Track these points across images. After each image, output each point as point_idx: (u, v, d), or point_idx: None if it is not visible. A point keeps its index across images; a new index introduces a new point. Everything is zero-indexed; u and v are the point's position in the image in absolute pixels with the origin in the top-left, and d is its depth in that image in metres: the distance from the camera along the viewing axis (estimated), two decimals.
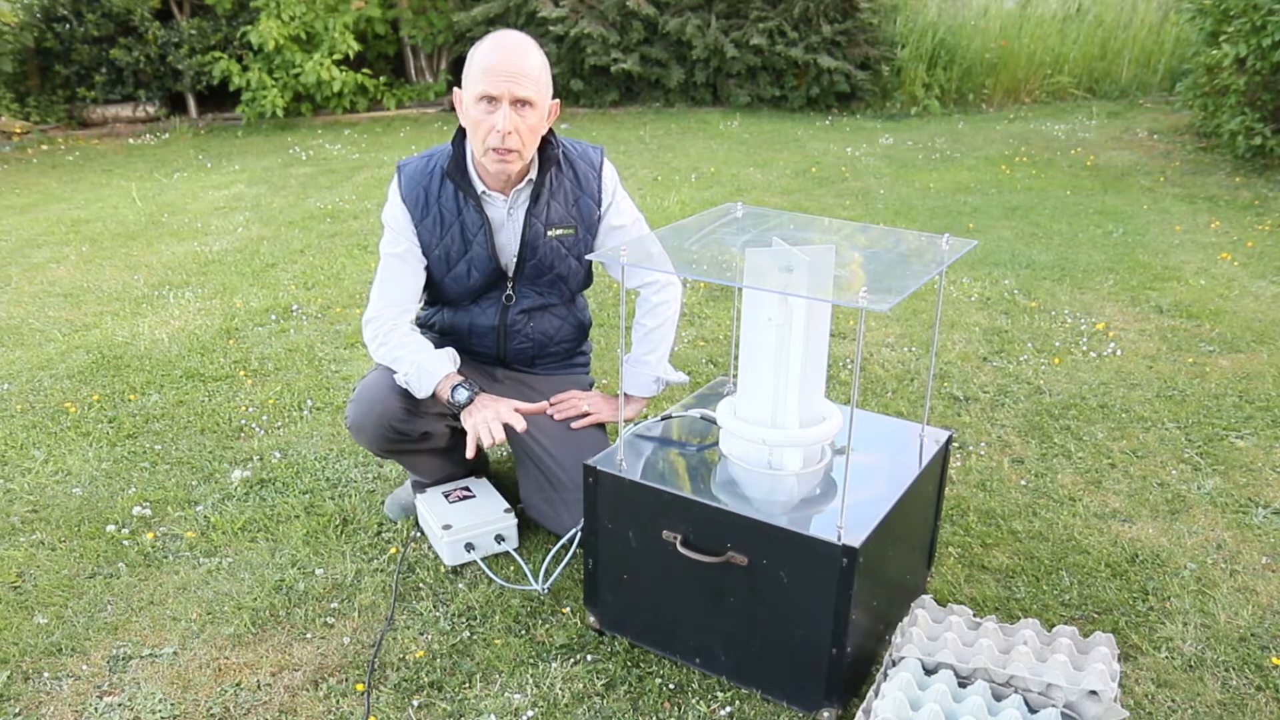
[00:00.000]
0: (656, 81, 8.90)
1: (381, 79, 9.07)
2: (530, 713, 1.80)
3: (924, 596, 1.91)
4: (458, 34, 9.00)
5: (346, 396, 3.12)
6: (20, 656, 1.97)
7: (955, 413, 2.97)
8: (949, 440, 2.03)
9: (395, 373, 2.15)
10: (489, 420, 2.08)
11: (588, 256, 2.07)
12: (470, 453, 2.10)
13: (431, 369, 2.12)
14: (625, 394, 2.35)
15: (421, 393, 2.13)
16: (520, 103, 2.00)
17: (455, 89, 2.11)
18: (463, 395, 2.11)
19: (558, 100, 2.12)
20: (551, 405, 2.31)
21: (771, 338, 1.78)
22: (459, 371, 2.17)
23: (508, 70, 1.98)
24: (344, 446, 2.80)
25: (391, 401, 2.15)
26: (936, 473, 2.01)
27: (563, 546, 2.27)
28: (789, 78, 8.63)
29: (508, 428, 2.10)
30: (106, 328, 3.78)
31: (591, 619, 2.00)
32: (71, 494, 2.58)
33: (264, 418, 3.00)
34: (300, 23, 8.10)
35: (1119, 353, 3.38)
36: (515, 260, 2.22)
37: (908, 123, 8.17)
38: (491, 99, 1.99)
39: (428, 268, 2.22)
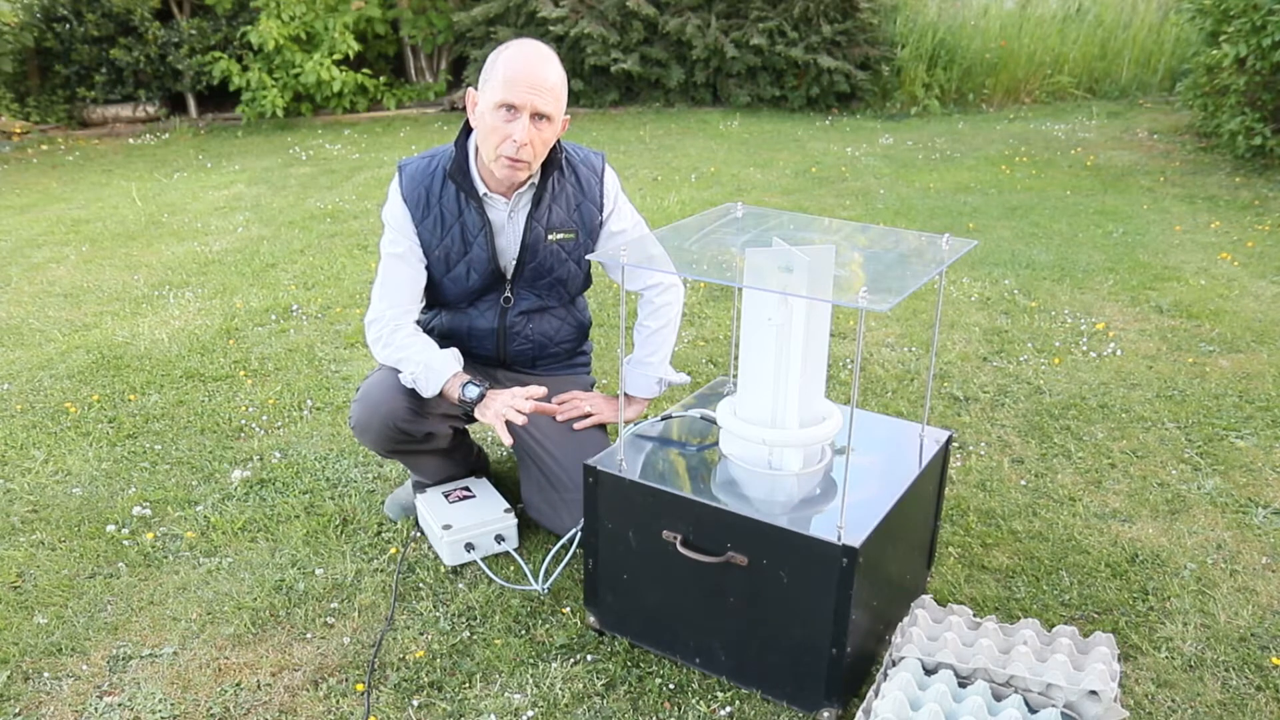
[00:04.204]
0: (656, 81, 8.90)
1: (381, 79, 9.07)
2: (530, 713, 1.80)
3: (924, 596, 1.91)
4: (458, 34, 9.00)
5: (347, 396, 3.12)
6: (20, 656, 1.97)
7: (955, 413, 2.97)
8: (949, 440, 2.03)
9: (400, 372, 2.15)
10: (507, 403, 2.08)
11: (589, 256, 2.07)
12: (507, 439, 2.10)
13: (439, 368, 2.12)
14: (626, 395, 2.35)
15: (429, 392, 2.13)
16: (539, 116, 2.01)
17: (469, 89, 2.10)
18: (473, 392, 2.12)
19: (568, 116, 2.13)
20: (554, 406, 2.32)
21: (771, 338, 1.78)
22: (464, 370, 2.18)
23: (532, 83, 1.98)
24: (344, 446, 2.80)
25: (397, 402, 2.15)
26: (936, 473, 2.02)
27: (563, 546, 2.27)
28: (789, 78, 8.63)
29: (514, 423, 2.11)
30: (106, 328, 3.78)
31: (591, 619, 2.01)
32: (71, 494, 2.59)
33: (264, 418, 3.00)
34: (300, 23, 8.10)
35: (1119, 353, 3.38)
36: (515, 263, 2.22)
37: (908, 123, 8.17)
38: (512, 108, 1.99)
39: (428, 267, 2.22)
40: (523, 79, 1.98)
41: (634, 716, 1.79)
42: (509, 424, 2.09)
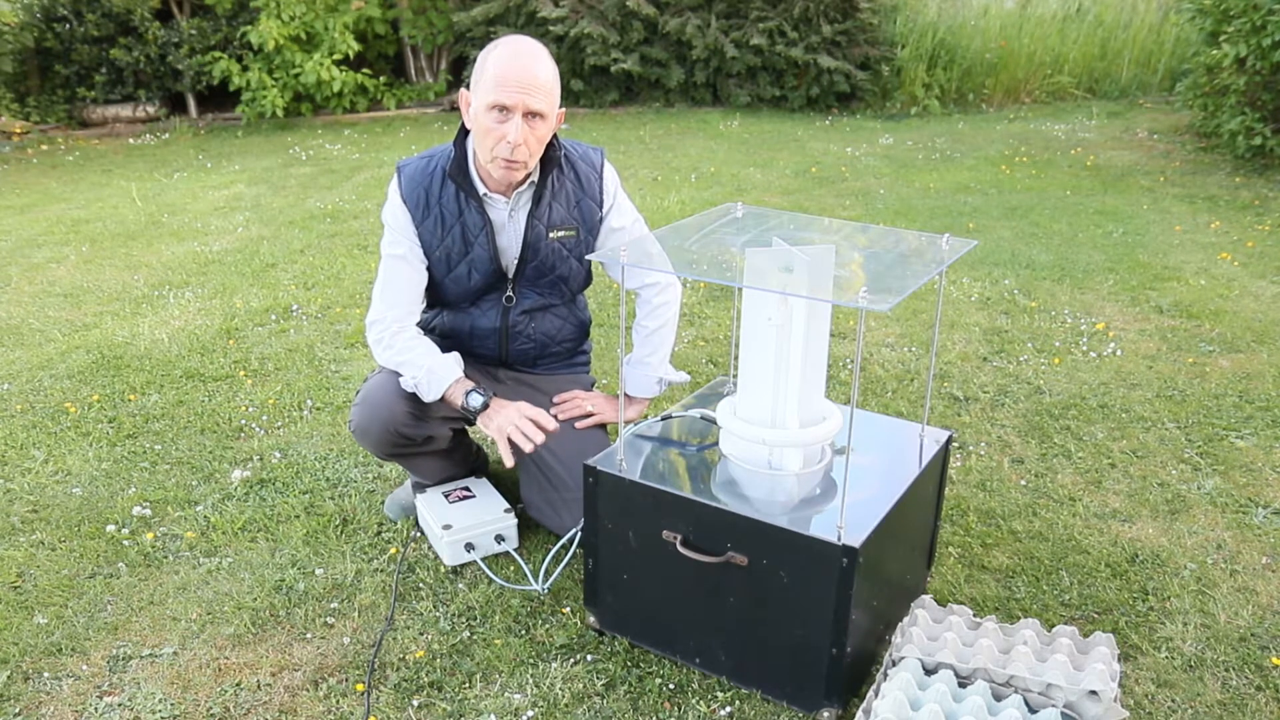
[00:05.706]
0: (656, 81, 8.90)
1: (381, 79, 9.07)
2: (530, 713, 1.80)
3: (924, 596, 1.91)
4: (458, 34, 9.00)
5: (347, 397, 3.12)
6: (20, 656, 1.97)
7: (955, 413, 2.97)
8: (949, 440, 2.03)
9: (401, 376, 2.15)
10: (515, 421, 2.09)
11: (588, 256, 2.07)
12: (508, 460, 2.10)
13: (441, 373, 2.12)
14: (627, 395, 2.35)
15: (430, 396, 2.13)
16: (532, 115, 2.00)
17: (462, 90, 2.10)
18: (477, 401, 2.12)
19: (563, 109, 2.12)
20: (555, 405, 2.31)
21: (771, 338, 1.78)
22: (466, 375, 2.18)
23: (523, 82, 1.97)
24: (344, 446, 2.80)
25: (397, 405, 2.15)
26: (936, 473, 2.01)
27: (563, 546, 2.27)
28: (789, 78, 8.63)
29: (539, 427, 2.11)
30: (106, 328, 3.78)
31: (591, 619, 2.01)
32: (71, 494, 2.59)
33: (264, 418, 3.00)
34: (300, 23, 8.09)
35: (1119, 353, 3.38)
36: (516, 262, 2.22)
37: (908, 123, 8.17)
38: (504, 109, 1.99)
39: (429, 268, 2.22)
40: (513, 79, 1.97)
41: (634, 716, 1.79)
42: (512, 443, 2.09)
